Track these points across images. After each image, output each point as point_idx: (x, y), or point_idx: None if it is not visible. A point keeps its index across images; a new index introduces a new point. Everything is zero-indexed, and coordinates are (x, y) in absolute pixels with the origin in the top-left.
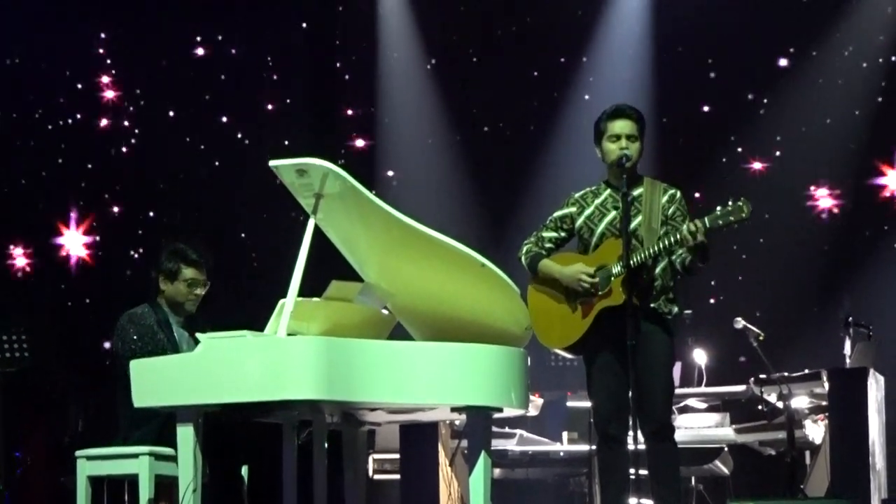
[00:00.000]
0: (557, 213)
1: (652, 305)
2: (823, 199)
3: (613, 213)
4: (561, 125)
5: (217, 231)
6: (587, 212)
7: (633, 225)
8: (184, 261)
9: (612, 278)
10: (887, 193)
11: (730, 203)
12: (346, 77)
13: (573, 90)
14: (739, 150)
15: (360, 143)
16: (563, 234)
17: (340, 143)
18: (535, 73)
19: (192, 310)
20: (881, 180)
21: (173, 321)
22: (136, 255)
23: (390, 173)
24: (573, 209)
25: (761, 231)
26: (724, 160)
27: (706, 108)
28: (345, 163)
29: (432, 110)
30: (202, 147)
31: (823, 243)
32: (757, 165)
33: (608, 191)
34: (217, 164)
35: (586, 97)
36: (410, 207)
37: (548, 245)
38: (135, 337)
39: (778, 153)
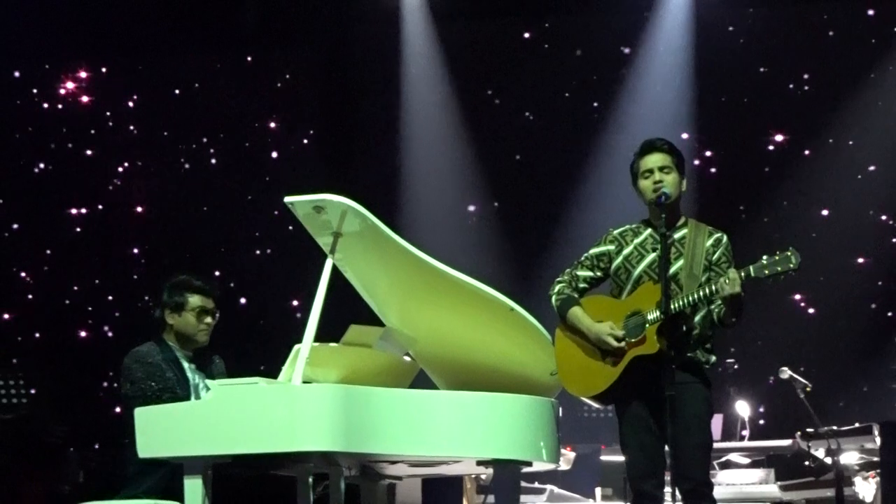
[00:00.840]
0: (594, 251)
1: (689, 355)
2: None
3: (653, 255)
4: (597, 156)
5: (228, 270)
6: (626, 251)
7: (673, 269)
8: (188, 289)
9: (647, 325)
10: None
11: (777, 253)
12: (367, 108)
13: (610, 120)
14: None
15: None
16: (598, 273)
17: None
18: (569, 99)
19: (205, 341)
20: None
21: (181, 357)
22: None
23: (412, 209)
24: (611, 247)
25: (810, 277)
26: (783, 203)
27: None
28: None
29: (457, 141)
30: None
31: (874, 288)
32: (823, 212)
33: (648, 231)
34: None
35: (624, 126)
36: (434, 247)
37: (581, 285)
38: (142, 376)
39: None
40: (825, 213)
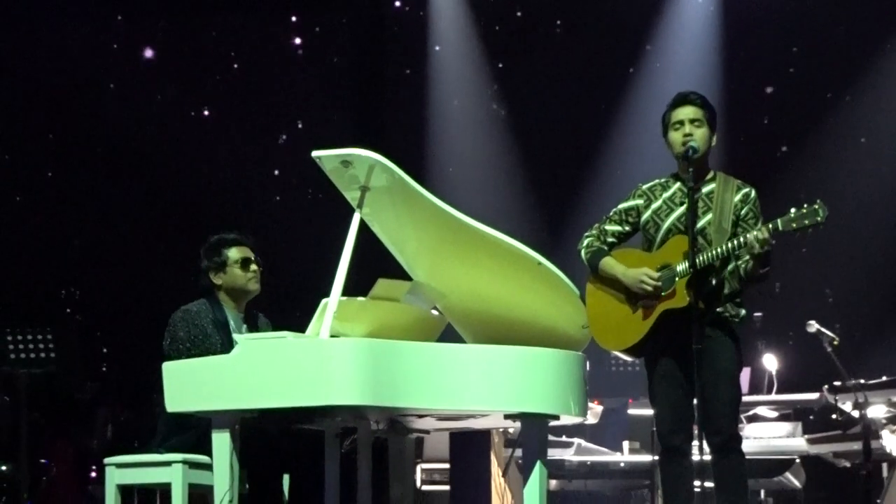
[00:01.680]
0: (623, 205)
1: (718, 309)
2: None
3: (681, 208)
4: (626, 112)
5: (256, 227)
6: (655, 205)
7: (701, 223)
8: (224, 245)
9: (677, 279)
10: None
11: (805, 206)
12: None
13: (640, 76)
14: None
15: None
16: (627, 227)
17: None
18: (600, 57)
19: (257, 288)
20: None
21: (232, 318)
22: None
23: (441, 164)
24: (640, 201)
25: (838, 230)
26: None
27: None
28: (392, 153)
29: (486, 95)
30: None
31: None
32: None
33: (677, 184)
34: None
35: (655, 80)
36: (462, 201)
37: (610, 239)
38: (183, 336)
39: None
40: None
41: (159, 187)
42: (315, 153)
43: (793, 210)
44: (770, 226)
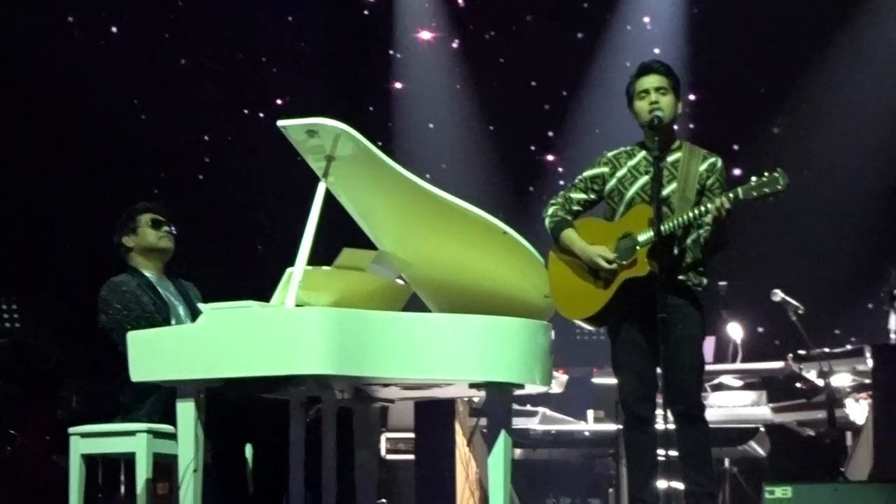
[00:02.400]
0: (588, 173)
1: (680, 278)
2: None
3: (646, 177)
4: (591, 81)
5: (220, 196)
6: (619, 173)
7: (665, 192)
8: (136, 212)
9: (638, 247)
10: None
11: (765, 174)
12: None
13: (607, 46)
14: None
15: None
16: (592, 195)
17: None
18: (565, 22)
19: (170, 246)
20: None
21: (156, 281)
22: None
23: (407, 133)
24: (605, 169)
25: (803, 199)
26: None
27: (747, 71)
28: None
29: (452, 64)
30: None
31: (869, 213)
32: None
33: (643, 153)
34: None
35: (621, 53)
36: (428, 171)
37: (575, 207)
38: (118, 306)
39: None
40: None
41: (134, 159)
42: (281, 122)
43: (753, 178)
44: (731, 194)
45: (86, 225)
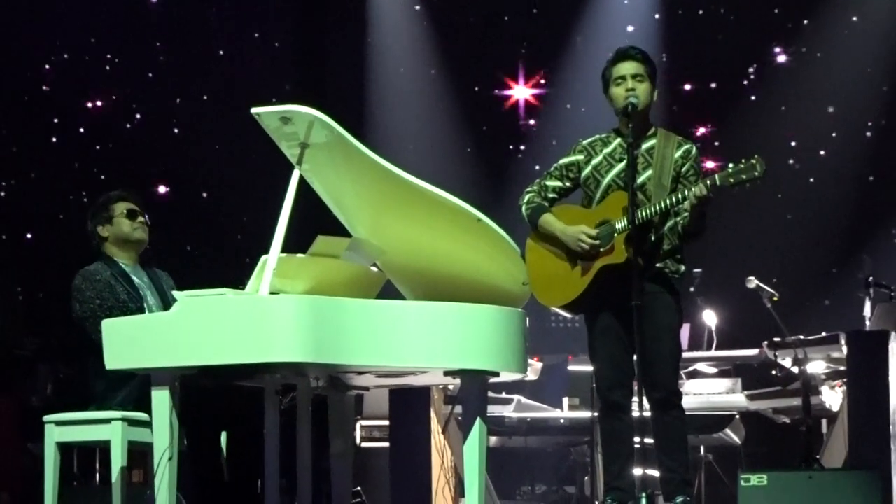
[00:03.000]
0: (563, 161)
1: (658, 265)
2: None
3: (621, 164)
4: (566, 68)
5: (195, 185)
6: (595, 161)
7: (641, 179)
8: (109, 201)
9: (616, 235)
10: None
11: (742, 161)
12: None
13: (579, 32)
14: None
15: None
16: (568, 183)
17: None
18: (540, 13)
19: (144, 237)
20: None
21: (130, 270)
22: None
23: (381, 121)
24: (580, 157)
25: (778, 186)
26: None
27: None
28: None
29: (425, 53)
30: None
31: (843, 200)
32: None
33: (618, 140)
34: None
35: (596, 39)
36: (402, 158)
37: (551, 195)
38: (91, 295)
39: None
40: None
41: (108, 146)
42: (254, 110)
43: (731, 165)
44: (708, 181)
45: (60, 211)
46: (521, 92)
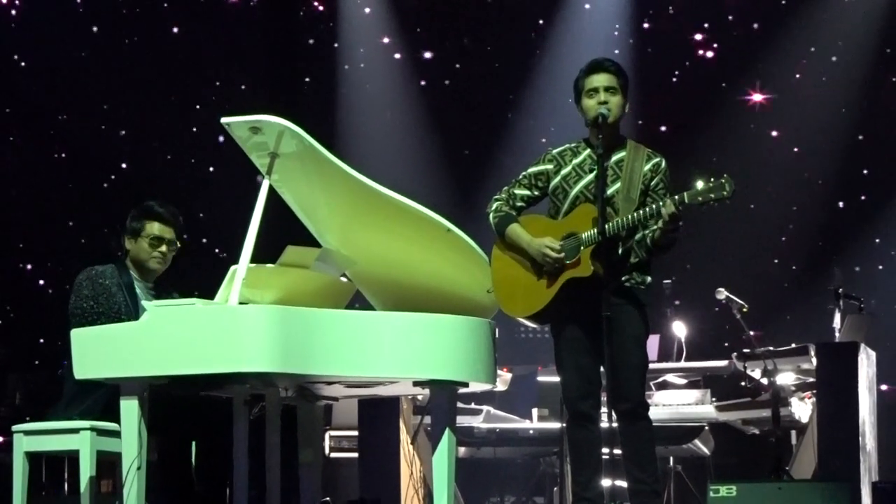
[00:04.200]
0: (532, 170)
1: (623, 277)
2: None
3: (590, 176)
4: (535, 77)
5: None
6: (564, 171)
7: (609, 192)
8: (147, 216)
9: (582, 248)
10: (883, 165)
11: (712, 180)
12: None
13: (549, 41)
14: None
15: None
16: (536, 192)
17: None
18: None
19: (159, 268)
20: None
21: (139, 287)
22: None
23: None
24: (550, 166)
25: (749, 197)
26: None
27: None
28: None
29: (397, 63)
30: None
31: (813, 212)
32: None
33: (587, 151)
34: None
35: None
36: (372, 169)
37: (518, 204)
38: (88, 294)
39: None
40: (774, 133)
41: (74, 151)
42: (224, 119)
43: (700, 183)
44: (677, 198)
45: (28, 218)
46: None
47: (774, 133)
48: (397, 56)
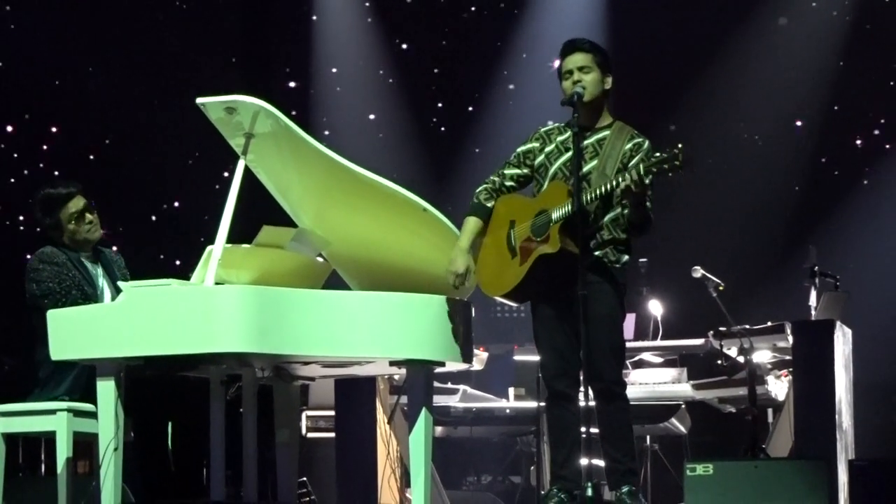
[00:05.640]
0: (521, 148)
1: (597, 254)
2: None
3: (569, 153)
4: (513, 64)
5: (140, 175)
6: (548, 148)
7: (586, 168)
8: (54, 206)
9: (551, 224)
10: (858, 142)
11: (666, 150)
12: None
13: (525, 23)
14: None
15: (293, 84)
16: (525, 170)
17: (273, 85)
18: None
19: (97, 236)
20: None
21: (84, 258)
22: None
23: (324, 119)
24: (536, 144)
25: (723, 175)
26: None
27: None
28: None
29: (371, 50)
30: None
31: (788, 189)
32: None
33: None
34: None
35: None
36: (348, 149)
37: (508, 183)
38: (49, 276)
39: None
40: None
41: (43, 137)
42: (199, 100)
43: (656, 154)
44: (632, 172)
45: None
46: None
47: (746, 111)
48: (371, 35)
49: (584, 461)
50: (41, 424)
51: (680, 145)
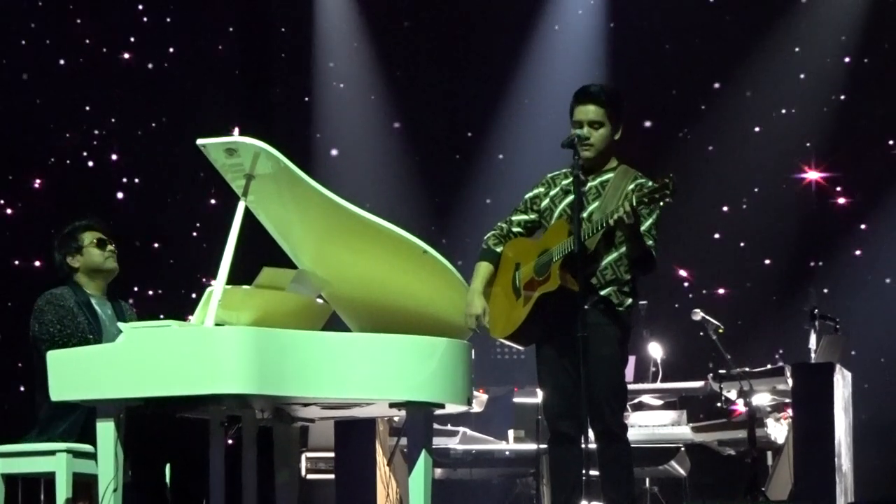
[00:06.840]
0: (528, 194)
1: (602, 293)
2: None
3: (572, 196)
4: (515, 106)
5: (141, 216)
6: (552, 192)
7: (589, 209)
8: (78, 231)
9: (552, 262)
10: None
11: (657, 179)
12: (282, 55)
13: (528, 66)
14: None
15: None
16: (532, 215)
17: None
18: (485, 50)
19: (114, 267)
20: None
21: (96, 301)
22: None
23: (334, 152)
24: (542, 189)
25: (724, 218)
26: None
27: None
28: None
29: (375, 90)
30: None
31: (788, 232)
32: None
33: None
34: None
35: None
36: (348, 190)
37: (515, 229)
38: (52, 319)
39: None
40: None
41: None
42: (200, 141)
43: (649, 183)
44: (625, 203)
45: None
46: None
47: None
48: (372, 77)
49: (584, 503)
50: (41, 465)
51: (671, 175)
